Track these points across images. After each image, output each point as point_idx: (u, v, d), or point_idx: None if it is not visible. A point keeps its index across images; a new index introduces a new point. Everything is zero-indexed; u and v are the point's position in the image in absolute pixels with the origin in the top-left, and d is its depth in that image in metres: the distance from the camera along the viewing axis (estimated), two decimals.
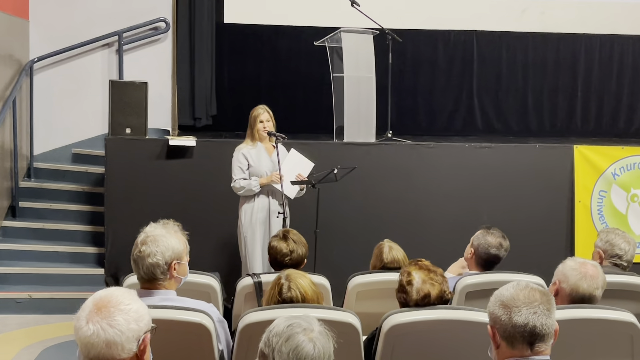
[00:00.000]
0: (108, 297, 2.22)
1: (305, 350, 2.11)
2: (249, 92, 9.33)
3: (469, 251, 4.38)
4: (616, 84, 10.16)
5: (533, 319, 2.46)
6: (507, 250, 4.36)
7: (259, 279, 4.19)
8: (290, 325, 2.15)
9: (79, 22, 8.53)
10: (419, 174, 7.36)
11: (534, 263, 5.90)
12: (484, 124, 10.02)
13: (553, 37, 10.06)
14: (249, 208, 6.19)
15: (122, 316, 2.18)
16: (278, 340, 2.13)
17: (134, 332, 2.19)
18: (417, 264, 3.47)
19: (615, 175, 7.53)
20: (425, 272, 3.41)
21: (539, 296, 2.51)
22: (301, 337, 2.13)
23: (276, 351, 2.11)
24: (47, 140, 8.46)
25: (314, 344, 2.13)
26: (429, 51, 9.93)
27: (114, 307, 2.19)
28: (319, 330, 2.17)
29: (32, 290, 7.04)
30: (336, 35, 7.38)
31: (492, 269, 4.35)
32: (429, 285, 3.37)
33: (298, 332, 2.14)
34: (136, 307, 2.23)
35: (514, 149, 7.65)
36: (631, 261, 4.46)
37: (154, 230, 3.28)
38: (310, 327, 2.16)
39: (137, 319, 2.21)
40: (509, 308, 2.49)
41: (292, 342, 2.12)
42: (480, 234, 4.36)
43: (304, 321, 2.17)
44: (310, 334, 2.14)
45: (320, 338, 2.15)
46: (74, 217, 7.84)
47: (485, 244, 4.30)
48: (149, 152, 7.16)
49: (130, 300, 2.24)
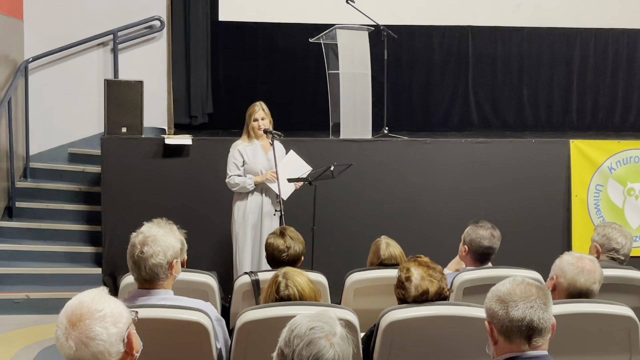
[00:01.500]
0: (79, 308, 2.16)
1: (325, 356, 2.08)
2: (244, 89, 9.32)
3: (462, 249, 4.39)
4: (611, 78, 10.17)
5: (530, 313, 2.47)
6: (500, 239, 4.37)
7: (256, 277, 4.20)
8: (312, 328, 2.12)
9: (73, 22, 8.52)
10: (415, 169, 7.36)
11: (531, 258, 5.92)
12: (480, 119, 10.03)
13: (548, 32, 10.07)
14: (242, 205, 6.19)
15: (99, 325, 2.14)
16: (299, 343, 2.10)
17: (116, 335, 2.16)
18: (417, 261, 3.47)
19: (611, 169, 7.54)
20: (425, 269, 3.42)
21: (535, 291, 2.52)
22: (322, 343, 2.10)
23: (296, 353, 2.09)
24: (43, 140, 8.45)
25: (335, 350, 2.10)
26: (424, 47, 9.93)
27: (89, 319, 2.14)
28: (341, 334, 2.14)
29: (29, 290, 7.04)
30: (331, 32, 7.37)
31: (488, 261, 4.36)
32: (428, 282, 3.37)
33: (320, 337, 2.10)
34: (110, 310, 2.18)
35: (510, 144, 7.66)
36: (628, 255, 4.47)
37: (150, 230, 3.28)
38: (332, 331, 2.13)
39: (114, 321, 2.17)
40: (505, 303, 2.50)
41: (314, 347, 2.09)
42: (470, 229, 4.37)
43: (326, 324, 2.14)
44: (332, 338, 2.11)
45: (342, 343, 2.12)
46: (71, 217, 7.83)
47: (478, 238, 4.31)
48: (145, 151, 7.16)
49: (103, 304, 2.19)
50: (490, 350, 2.58)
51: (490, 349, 2.58)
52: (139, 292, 3.28)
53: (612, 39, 10.15)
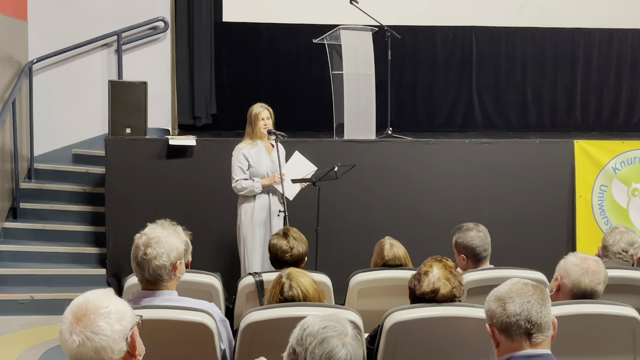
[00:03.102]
0: (85, 304, 2.19)
1: (338, 355, 2.08)
2: (248, 90, 9.32)
3: (460, 259, 4.37)
4: (615, 78, 10.15)
5: (527, 307, 2.51)
6: (487, 232, 4.36)
7: (260, 278, 4.20)
8: (325, 328, 2.12)
9: (77, 23, 8.53)
10: (419, 170, 7.36)
11: (535, 258, 5.90)
12: (484, 119, 10.02)
13: (552, 32, 10.05)
14: (249, 207, 6.18)
15: (104, 321, 2.16)
16: (312, 341, 2.10)
17: (119, 332, 2.17)
18: (442, 262, 3.48)
19: (615, 169, 7.52)
20: (446, 272, 3.42)
21: (532, 289, 2.57)
22: (335, 342, 2.10)
23: (309, 352, 2.09)
24: (47, 141, 8.46)
25: (347, 349, 2.10)
26: (428, 47, 9.92)
27: (94, 314, 2.16)
28: (352, 334, 2.14)
29: (34, 291, 7.05)
30: (335, 33, 7.37)
31: (487, 259, 4.35)
32: (443, 283, 3.37)
33: (333, 335, 2.11)
34: (115, 307, 2.20)
35: (514, 145, 7.65)
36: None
37: (154, 231, 3.28)
38: (344, 331, 2.13)
39: (119, 318, 2.18)
40: (502, 300, 2.55)
41: (326, 346, 2.09)
42: (456, 237, 4.38)
43: (338, 324, 2.14)
44: (344, 338, 2.11)
45: (353, 343, 2.12)
46: (75, 218, 7.84)
47: (468, 241, 4.31)
48: (149, 151, 7.16)
49: (108, 302, 2.21)
50: (493, 356, 2.59)
51: (493, 355, 2.59)
52: (143, 293, 3.29)
53: (617, 39, 10.13)
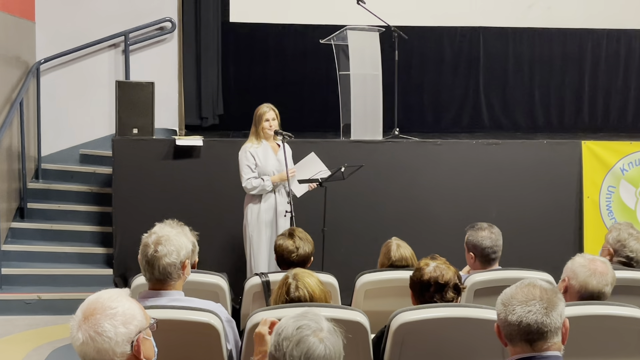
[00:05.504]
0: (94, 303, 2.19)
1: (316, 353, 2.09)
2: (255, 90, 9.32)
3: (469, 257, 4.38)
4: (623, 78, 10.12)
5: (527, 317, 2.45)
6: (499, 235, 4.37)
7: (266, 279, 4.19)
8: (299, 328, 2.12)
9: (85, 23, 8.55)
10: (426, 171, 7.35)
11: (543, 259, 5.89)
12: (491, 120, 10.00)
13: (560, 33, 10.03)
14: (255, 208, 6.19)
15: (109, 322, 2.15)
16: (288, 345, 2.10)
17: (123, 335, 2.16)
18: (436, 258, 3.53)
19: (623, 170, 7.50)
20: (441, 262, 3.50)
21: (538, 293, 2.49)
22: (311, 340, 2.10)
23: (287, 355, 2.09)
24: (54, 141, 8.49)
25: (325, 344, 2.10)
26: (435, 48, 9.91)
27: (101, 314, 2.16)
28: (328, 328, 2.15)
29: (41, 291, 7.06)
30: (342, 33, 7.37)
31: (496, 260, 4.35)
32: (443, 268, 3.43)
33: (308, 334, 2.11)
34: (123, 310, 2.19)
35: (522, 145, 7.63)
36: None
37: (163, 230, 3.29)
38: (319, 327, 2.13)
39: (125, 321, 2.17)
40: (505, 307, 2.51)
41: (303, 346, 2.09)
42: (469, 235, 4.39)
43: (312, 321, 2.15)
44: (320, 334, 2.12)
45: (330, 337, 2.13)
46: (82, 218, 7.86)
47: (479, 240, 4.32)
48: (156, 152, 7.17)
49: (118, 303, 2.20)
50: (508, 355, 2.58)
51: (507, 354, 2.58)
52: (149, 293, 3.29)
53: (624, 40, 10.10)
